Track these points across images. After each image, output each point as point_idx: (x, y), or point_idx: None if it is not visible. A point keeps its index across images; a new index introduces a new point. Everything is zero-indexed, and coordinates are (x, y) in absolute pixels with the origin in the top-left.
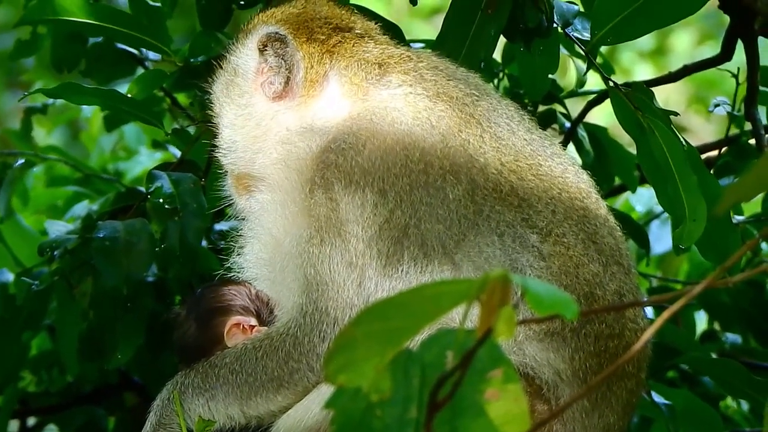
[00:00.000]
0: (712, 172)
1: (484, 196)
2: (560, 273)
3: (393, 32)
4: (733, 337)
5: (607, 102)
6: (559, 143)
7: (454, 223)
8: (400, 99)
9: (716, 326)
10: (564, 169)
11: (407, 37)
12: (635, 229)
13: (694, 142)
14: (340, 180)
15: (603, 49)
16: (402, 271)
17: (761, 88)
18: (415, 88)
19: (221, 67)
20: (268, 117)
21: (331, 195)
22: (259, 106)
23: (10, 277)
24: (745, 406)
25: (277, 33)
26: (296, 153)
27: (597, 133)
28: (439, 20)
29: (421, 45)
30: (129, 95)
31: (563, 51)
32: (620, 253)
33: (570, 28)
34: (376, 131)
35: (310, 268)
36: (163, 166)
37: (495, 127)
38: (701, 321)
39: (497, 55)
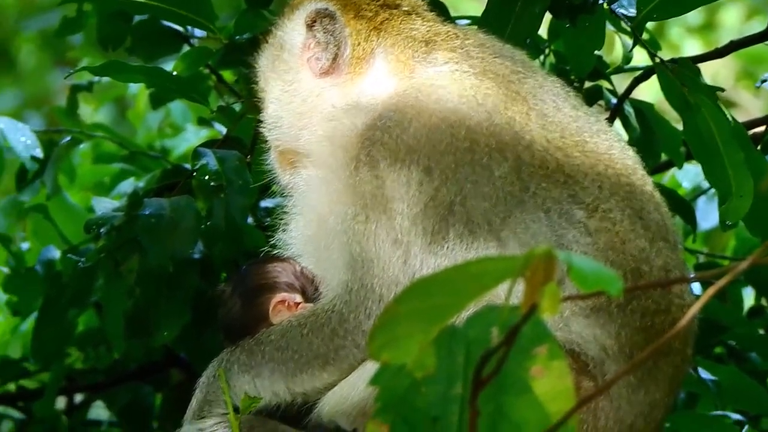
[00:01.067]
0: (759, 148)
1: (530, 173)
2: (606, 249)
3: (439, 9)
4: None
5: (654, 78)
6: (605, 120)
7: (500, 201)
8: (446, 76)
9: (763, 302)
10: (610, 145)
11: (453, 14)
12: (682, 206)
13: (742, 118)
14: (386, 158)
15: (650, 24)
16: (447, 248)
17: None
18: (462, 66)
19: (267, 43)
20: (314, 93)
21: (377, 172)
22: (305, 82)
23: (56, 254)
24: None
25: (326, 9)
26: (341, 130)
27: (643, 109)
28: None
29: (467, 22)
30: (175, 73)
31: (609, 27)
32: (666, 228)
33: (616, 4)
34: (421, 109)
35: (356, 245)
36: (209, 144)
37: (541, 105)
38: (748, 297)
39: (543, 32)
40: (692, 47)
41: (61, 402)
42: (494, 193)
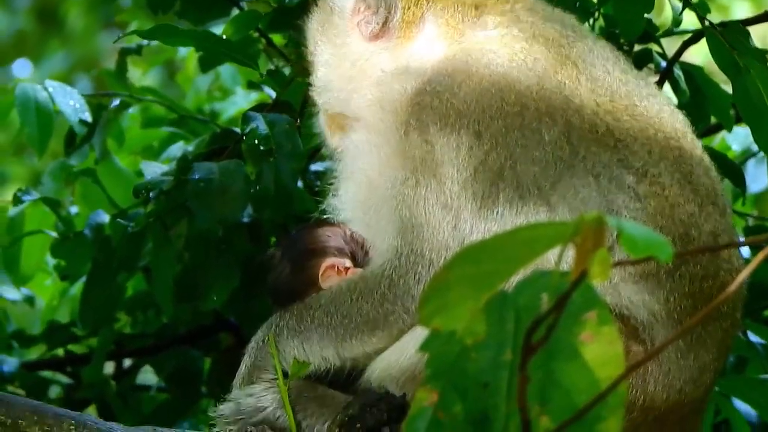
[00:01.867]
0: None
1: (579, 137)
2: (655, 214)
3: None
4: None
5: (703, 41)
6: (655, 83)
7: (549, 165)
8: (495, 40)
9: None
10: (659, 109)
11: None
12: (731, 168)
13: None
14: (436, 122)
15: None
16: (497, 212)
17: None
18: (511, 30)
19: (317, 6)
20: (364, 57)
21: (426, 137)
22: (354, 45)
23: (105, 218)
24: None
25: None
26: (391, 95)
27: (693, 72)
28: None
29: None
30: (224, 36)
31: None
32: (716, 193)
33: None
34: (471, 73)
35: (405, 209)
36: (259, 107)
37: (591, 69)
38: None
39: None
40: (741, 10)
41: (109, 367)
42: (544, 157)
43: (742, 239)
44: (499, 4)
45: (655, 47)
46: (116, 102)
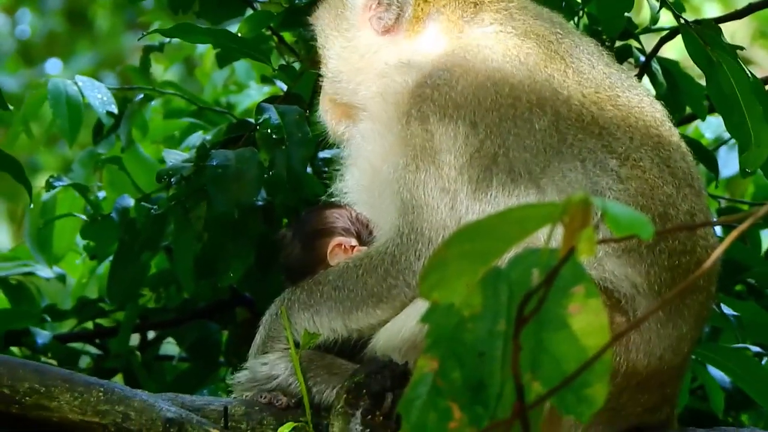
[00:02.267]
0: None
1: (567, 126)
2: (636, 194)
3: None
4: None
5: (679, 38)
6: (635, 76)
7: (540, 152)
8: (491, 37)
9: None
10: (640, 99)
11: None
12: (705, 155)
13: (759, 74)
14: (435, 113)
15: None
16: (491, 195)
17: None
18: (506, 27)
19: (327, 1)
20: (372, 50)
21: (427, 126)
22: (364, 38)
23: (130, 202)
24: None
25: None
26: (393, 87)
27: (669, 66)
28: None
29: None
30: (239, 34)
31: None
32: (692, 176)
33: None
34: (468, 68)
35: (406, 192)
36: (271, 99)
37: (577, 62)
38: (766, 238)
39: None
40: (711, 10)
41: (134, 339)
42: (535, 144)
43: (716, 219)
44: (494, 3)
45: (634, 43)
46: (140, 95)
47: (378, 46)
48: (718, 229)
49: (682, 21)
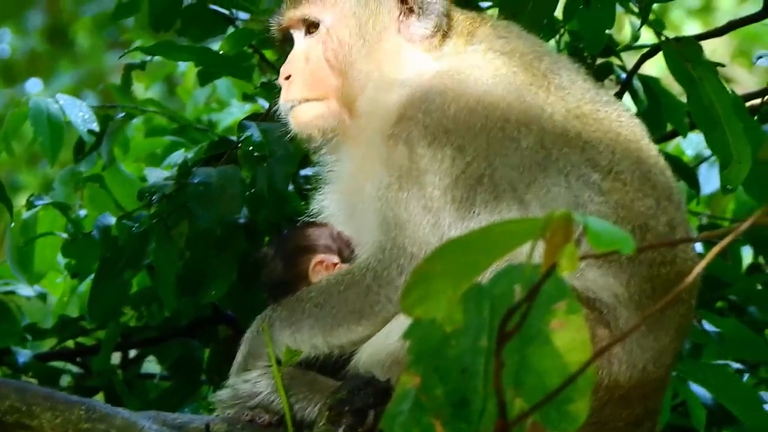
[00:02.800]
0: (756, 118)
1: (552, 141)
2: (617, 206)
3: None
4: None
5: (660, 55)
6: (616, 93)
7: (525, 169)
8: (482, 56)
9: (761, 260)
10: (619, 114)
11: None
12: (686, 171)
13: (739, 92)
14: (425, 137)
15: (655, 6)
16: (474, 212)
17: None
18: (494, 46)
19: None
20: (395, 56)
21: (414, 149)
22: (392, 42)
23: (112, 220)
24: None
25: None
26: (385, 104)
27: (650, 83)
28: None
29: (489, 4)
30: (221, 52)
31: (619, 8)
32: (671, 189)
33: None
34: (460, 92)
35: (389, 211)
36: (253, 117)
37: (558, 78)
38: (747, 255)
39: (558, 13)
40: (692, 28)
41: (116, 357)
42: (521, 162)
43: (696, 235)
44: (484, 23)
45: (615, 60)
46: (122, 113)
47: (402, 53)
48: (698, 246)
49: (663, 38)
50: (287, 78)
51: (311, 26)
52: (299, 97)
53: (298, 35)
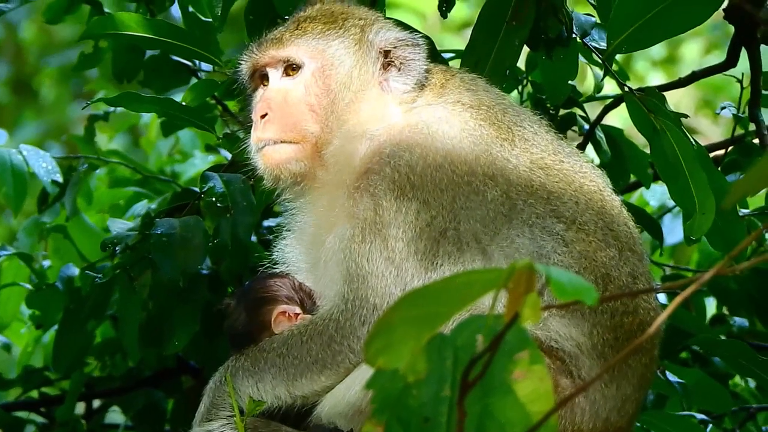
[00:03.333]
0: (719, 169)
1: (518, 192)
2: (580, 257)
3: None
4: (740, 321)
5: (623, 105)
6: (579, 144)
7: (490, 221)
8: (451, 109)
9: (725, 310)
10: (581, 165)
11: (438, 48)
12: (650, 222)
13: (703, 142)
14: (392, 190)
15: (618, 57)
16: (437, 264)
17: (763, 92)
18: (462, 98)
19: (354, 44)
20: (372, 107)
21: (378, 201)
22: (372, 94)
23: (75, 271)
24: (752, 383)
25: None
26: (353, 155)
27: (614, 134)
28: (468, 34)
29: (451, 55)
30: (184, 103)
31: (582, 59)
32: (634, 240)
33: (588, 38)
34: (428, 147)
35: (352, 262)
36: (216, 168)
37: (522, 131)
38: (711, 306)
39: (521, 63)
40: (656, 79)
41: (80, 407)
42: (487, 214)
43: (659, 285)
44: (453, 77)
45: (578, 111)
46: (85, 164)
47: (377, 104)
48: (662, 296)
49: (627, 89)
50: (263, 116)
51: (291, 68)
52: (274, 137)
53: (274, 74)
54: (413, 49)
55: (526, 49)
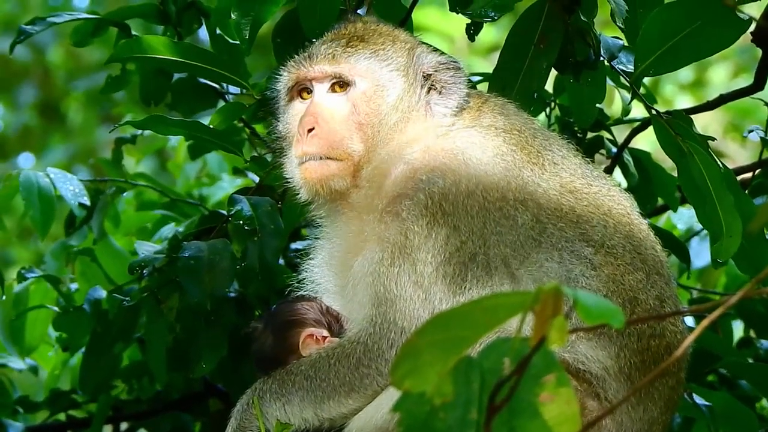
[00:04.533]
0: (746, 192)
1: (548, 216)
2: (608, 280)
3: None
4: (767, 344)
5: (650, 129)
6: (606, 167)
7: (520, 245)
8: (483, 134)
9: (752, 333)
10: (609, 188)
11: (467, 72)
12: (677, 246)
13: (730, 166)
14: (424, 216)
15: (646, 80)
16: (466, 288)
17: None
18: (496, 123)
19: (404, 73)
20: (413, 130)
21: (409, 225)
22: (415, 117)
23: (103, 294)
24: None
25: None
26: (387, 178)
27: (641, 157)
28: (496, 57)
29: (479, 78)
30: (211, 126)
31: (609, 82)
32: (661, 263)
33: (615, 60)
34: (461, 174)
35: (380, 286)
36: (243, 191)
37: (552, 154)
38: (738, 329)
39: (549, 87)
40: (684, 102)
41: (107, 430)
42: (517, 239)
43: (686, 307)
44: (487, 102)
45: (606, 134)
46: (112, 188)
47: (417, 128)
48: (690, 319)
49: (654, 112)
50: (311, 130)
51: (339, 84)
52: (320, 152)
53: (320, 89)
54: (455, 72)
55: (553, 72)
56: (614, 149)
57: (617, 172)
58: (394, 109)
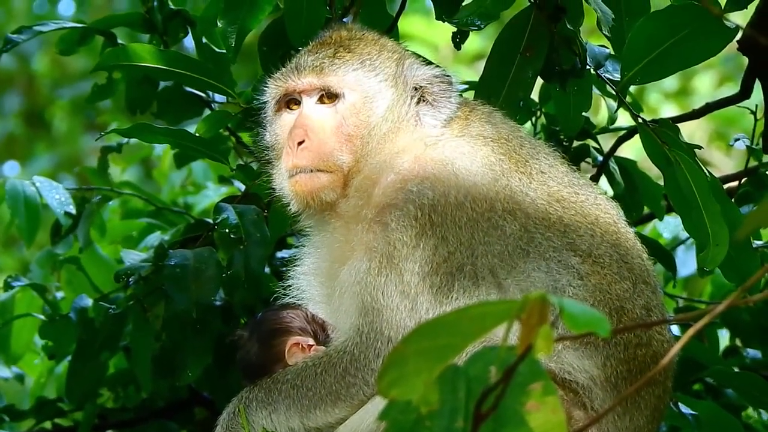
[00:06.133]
0: (733, 200)
1: (536, 226)
2: (595, 290)
3: None
4: (753, 353)
5: (637, 137)
6: (592, 176)
7: (508, 255)
8: (472, 144)
9: (738, 342)
10: (596, 196)
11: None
12: (663, 254)
13: (716, 174)
14: (413, 227)
15: (632, 88)
16: (452, 298)
17: None
18: (484, 132)
19: (393, 82)
20: (402, 136)
21: (398, 236)
22: (406, 127)
23: (88, 302)
24: (765, 415)
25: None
26: (375, 187)
27: (627, 165)
28: (481, 66)
29: (465, 87)
30: (197, 134)
31: (596, 91)
32: (648, 272)
33: (602, 69)
34: (450, 185)
35: (367, 295)
36: (229, 199)
37: (539, 163)
38: (724, 338)
39: (534, 95)
40: (669, 111)
41: None
42: (505, 249)
43: (672, 316)
44: (475, 111)
45: (592, 143)
46: (98, 196)
47: (406, 138)
48: (675, 328)
49: (640, 120)
50: (301, 143)
51: (327, 96)
52: (310, 165)
53: (308, 101)
54: (446, 86)
55: (539, 81)
56: (600, 158)
57: (603, 181)
58: (384, 120)
